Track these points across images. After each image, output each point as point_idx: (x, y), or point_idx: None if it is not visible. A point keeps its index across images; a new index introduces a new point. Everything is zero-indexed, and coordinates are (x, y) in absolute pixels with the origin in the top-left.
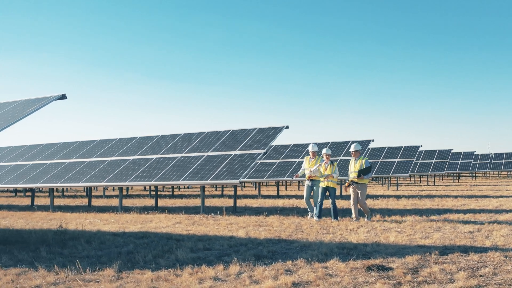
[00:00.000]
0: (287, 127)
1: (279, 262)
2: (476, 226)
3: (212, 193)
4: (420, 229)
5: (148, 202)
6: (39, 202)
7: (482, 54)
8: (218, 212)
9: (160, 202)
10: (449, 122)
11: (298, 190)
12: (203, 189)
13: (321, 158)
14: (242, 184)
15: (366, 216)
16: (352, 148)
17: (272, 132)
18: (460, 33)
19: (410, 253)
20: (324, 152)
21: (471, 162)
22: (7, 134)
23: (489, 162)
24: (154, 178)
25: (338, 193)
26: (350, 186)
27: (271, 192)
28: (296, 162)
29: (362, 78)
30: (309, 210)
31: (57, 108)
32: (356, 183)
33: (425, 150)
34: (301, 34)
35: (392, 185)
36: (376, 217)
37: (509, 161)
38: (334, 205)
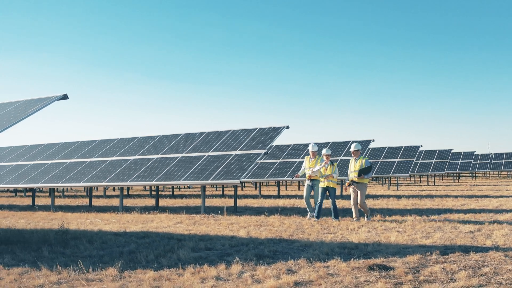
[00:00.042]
0: (288, 127)
1: (281, 261)
2: (476, 226)
3: (212, 193)
4: (420, 228)
5: (148, 202)
6: (40, 202)
7: (482, 54)
8: (219, 212)
9: (160, 202)
10: (449, 122)
11: (299, 190)
12: (204, 189)
13: (321, 158)
14: (242, 184)
15: (366, 216)
16: (352, 147)
17: (272, 132)
18: (460, 33)
19: (411, 252)
20: (324, 152)
21: (471, 162)
22: (8, 134)
23: (489, 162)
24: (155, 178)
25: (338, 193)
26: (350, 186)
27: (272, 192)
28: (296, 162)
29: (362, 78)
30: (308, 210)
31: (57, 108)
32: (356, 183)
33: (425, 150)
34: (301, 34)
35: (392, 185)
36: (376, 217)
37: (509, 161)
38: (335, 205)
